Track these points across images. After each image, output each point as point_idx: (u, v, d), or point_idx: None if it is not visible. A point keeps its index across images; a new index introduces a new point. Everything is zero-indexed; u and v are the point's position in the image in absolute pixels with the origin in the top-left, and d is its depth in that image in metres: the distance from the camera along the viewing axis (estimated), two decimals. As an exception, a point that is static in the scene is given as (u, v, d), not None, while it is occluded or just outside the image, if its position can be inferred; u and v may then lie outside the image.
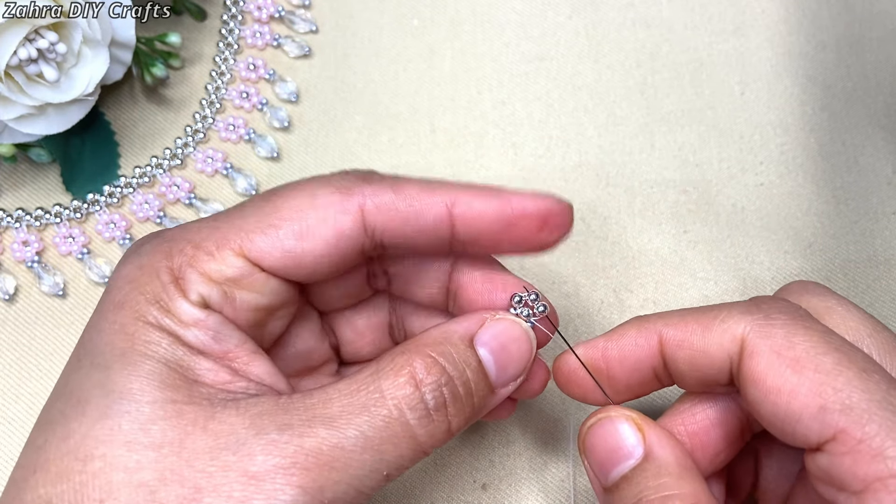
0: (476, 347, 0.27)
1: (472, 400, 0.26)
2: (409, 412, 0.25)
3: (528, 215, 0.27)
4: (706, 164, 0.39)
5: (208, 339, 0.26)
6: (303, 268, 0.27)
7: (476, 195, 0.28)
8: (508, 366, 0.28)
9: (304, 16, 0.41)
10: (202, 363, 0.25)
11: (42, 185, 0.38)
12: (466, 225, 0.27)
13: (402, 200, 0.27)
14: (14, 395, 0.36)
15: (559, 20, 0.41)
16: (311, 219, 0.27)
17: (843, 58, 0.41)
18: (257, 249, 0.27)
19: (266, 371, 0.26)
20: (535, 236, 0.28)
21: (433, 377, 0.25)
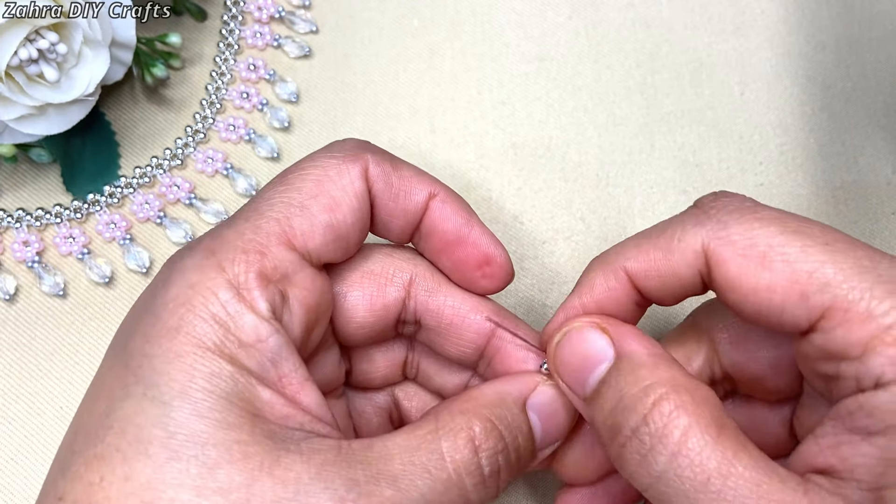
0: (528, 412, 0.27)
1: (519, 465, 0.27)
2: (467, 477, 0.25)
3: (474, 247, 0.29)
4: (706, 164, 0.39)
5: (266, 361, 0.25)
6: (341, 241, 0.28)
7: (453, 200, 0.30)
8: (553, 431, 0.28)
9: (304, 16, 0.41)
10: (262, 394, 0.24)
11: (42, 185, 0.38)
12: (432, 220, 0.29)
13: (398, 177, 0.29)
14: (14, 395, 0.36)
15: (559, 20, 0.41)
16: (333, 190, 0.28)
17: (842, 58, 0.41)
18: (300, 234, 0.27)
19: (315, 401, 0.26)
20: (472, 270, 0.30)
21: (491, 443, 0.26)
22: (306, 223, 0.27)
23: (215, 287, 0.25)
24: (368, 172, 0.28)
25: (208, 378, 0.24)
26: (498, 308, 0.30)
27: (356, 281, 0.30)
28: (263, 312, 0.25)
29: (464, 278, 0.30)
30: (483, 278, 0.30)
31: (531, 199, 0.39)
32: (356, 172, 0.28)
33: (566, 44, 0.41)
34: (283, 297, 0.26)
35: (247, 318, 0.25)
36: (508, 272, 0.30)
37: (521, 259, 0.38)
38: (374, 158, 0.28)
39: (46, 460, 0.35)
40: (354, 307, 0.30)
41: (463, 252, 0.29)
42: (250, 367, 0.24)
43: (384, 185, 0.29)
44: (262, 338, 0.25)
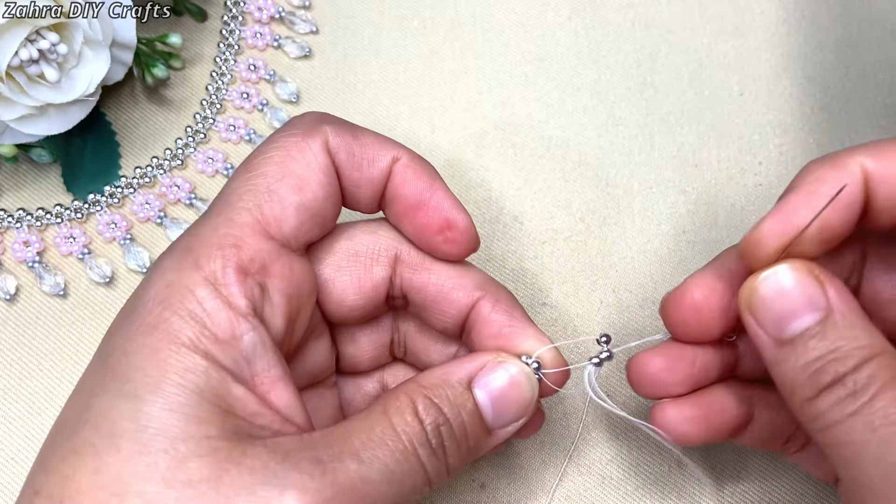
0: (473, 390, 0.27)
1: (468, 442, 0.27)
2: (420, 447, 0.26)
3: (436, 211, 0.29)
4: (705, 164, 0.39)
5: (241, 359, 0.25)
6: (315, 218, 0.28)
7: (416, 164, 0.29)
8: (506, 409, 0.28)
9: (304, 16, 0.41)
10: (233, 390, 0.25)
11: (43, 185, 0.39)
12: (394, 185, 0.29)
13: (360, 145, 0.29)
14: (15, 395, 0.36)
15: (559, 21, 0.41)
16: (298, 168, 0.28)
17: (841, 58, 0.41)
18: (273, 220, 0.27)
19: (286, 401, 0.26)
20: (433, 235, 0.29)
21: (431, 416, 0.26)
22: (277, 207, 0.27)
23: (192, 284, 0.25)
24: (329, 144, 0.28)
25: (182, 373, 0.24)
26: (482, 279, 0.30)
27: (343, 264, 0.30)
28: (241, 308, 0.25)
29: (426, 244, 0.29)
30: (445, 243, 0.29)
31: (531, 199, 0.39)
32: (318, 146, 0.28)
33: (566, 44, 0.41)
34: (262, 289, 0.26)
35: (223, 315, 0.25)
36: (471, 238, 0.29)
37: (521, 259, 0.38)
38: (333, 129, 0.28)
39: (47, 460, 0.35)
40: (344, 291, 0.30)
41: (424, 217, 0.29)
42: (225, 364, 0.25)
43: (346, 154, 0.28)
44: (237, 335, 0.25)
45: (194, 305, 0.25)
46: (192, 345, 0.24)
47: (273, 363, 0.26)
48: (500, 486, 0.35)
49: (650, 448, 0.36)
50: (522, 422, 0.28)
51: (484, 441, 0.28)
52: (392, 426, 0.25)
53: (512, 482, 0.35)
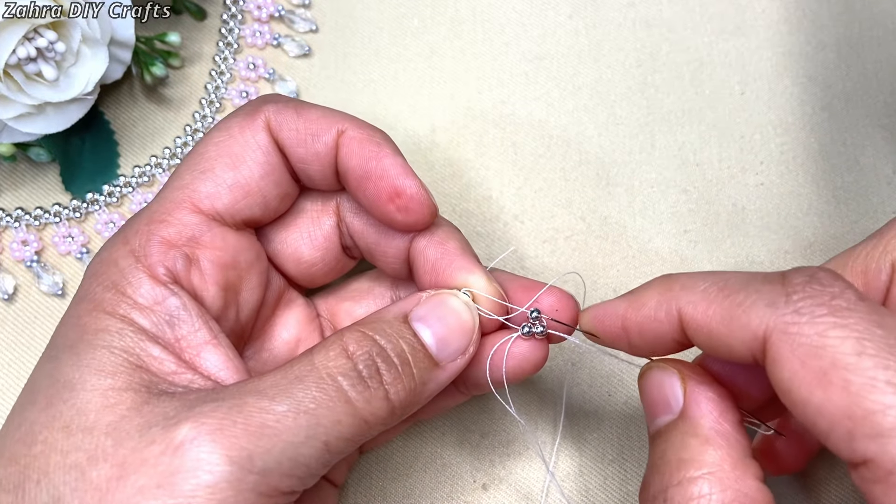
0: (411, 323, 0.27)
1: (411, 370, 0.26)
2: (343, 379, 0.25)
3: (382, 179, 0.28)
4: (706, 163, 0.39)
5: (163, 322, 0.26)
6: (253, 196, 0.29)
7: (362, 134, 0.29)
8: (449, 338, 0.28)
9: (303, 15, 0.41)
10: (150, 349, 0.26)
11: (41, 184, 0.38)
12: (342, 156, 0.29)
13: (304, 121, 0.29)
14: (14, 394, 0.36)
15: (559, 20, 0.41)
16: (235, 147, 0.28)
17: (843, 57, 0.41)
18: (205, 196, 0.28)
19: (216, 364, 0.26)
20: (385, 204, 0.28)
21: (364, 348, 0.26)
22: (211, 185, 0.28)
23: (118, 257, 0.27)
24: (270, 123, 0.29)
25: (94, 333, 0.26)
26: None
27: (290, 223, 0.31)
28: (161, 276, 0.27)
29: (380, 214, 0.29)
30: (398, 212, 0.28)
31: (531, 199, 0.39)
32: (258, 125, 0.29)
33: (566, 43, 0.41)
34: (189, 260, 0.27)
35: (143, 282, 0.26)
36: (424, 203, 0.28)
37: (521, 258, 0.38)
38: (275, 108, 0.29)
39: (45, 460, 0.35)
40: (297, 249, 0.31)
41: (373, 186, 0.28)
42: (144, 327, 0.26)
43: (289, 131, 0.29)
44: (158, 300, 0.26)
45: (117, 276, 0.26)
46: (111, 309, 0.26)
47: (198, 326, 0.26)
48: (502, 487, 0.35)
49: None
50: (471, 352, 0.28)
51: (432, 373, 0.27)
52: (311, 362, 0.25)
53: (513, 483, 0.35)
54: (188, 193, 0.28)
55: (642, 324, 0.26)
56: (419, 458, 0.36)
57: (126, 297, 0.26)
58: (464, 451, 0.35)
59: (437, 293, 0.28)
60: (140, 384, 0.25)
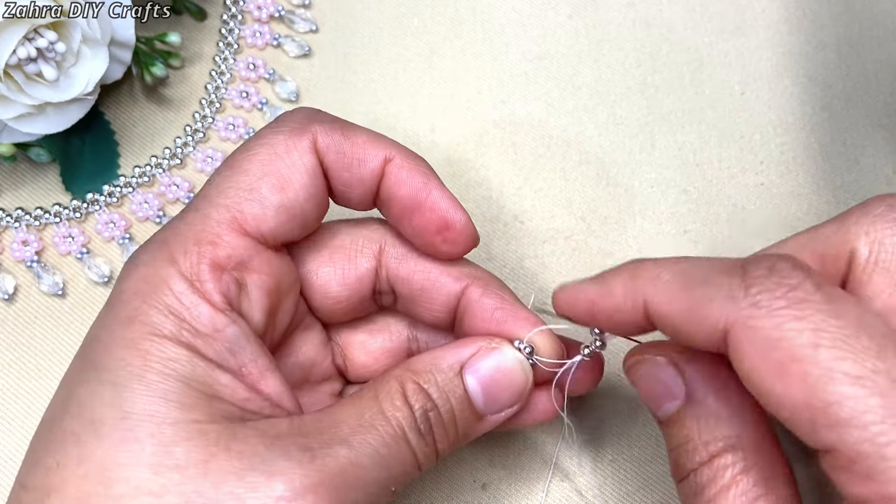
0: (464, 376, 0.27)
1: (456, 427, 0.27)
2: (409, 432, 0.26)
3: (432, 212, 0.28)
4: (706, 163, 0.39)
5: (224, 351, 0.25)
6: (296, 219, 0.28)
7: (410, 163, 0.28)
8: (498, 395, 0.28)
9: (304, 15, 0.41)
10: (220, 378, 0.25)
11: (41, 184, 0.38)
12: (388, 186, 0.28)
13: (351, 145, 0.28)
14: (14, 394, 0.36)
15: (559, 20, 0.41)
16: (282, 168, 0.27)
17: (843, 57, 0.41)
18: (252, 218, 0.27)
19: (276, 389, 0.26)
20: (432, 236, 0.29)
21: (420, 402, 0.26)
22: (257, 206, 0.27)
23: (168, 278, 0.25)
24: (318, 144, 0.28)
25: (164, 362, 0.24)
26: (469, 266, 0.30)
27: (326, 257, 0.30)
28: (218, 303, 0.25)
29: (425, 244, 0.29)
30: (444, 244, 0.29)
31: (531, 199, 0.39)
32: (305, 146, 0.27)
33: (566, 43, 0.41)
34: (239, 286, 0.26)
35: (202, 309, 0.25)
36: (470, 236, 0.29)
37: (521, 259, 0.38)
38: (322, 129, 0.28)
39: (45, 460, 0.35)
40: (327, 283, 0.30)
41: (421, 218, 0.28)
42: (208, 356, 0.25)
43: (336, 155, 0.28)
44: (218, 328, 0.25)
45: (172, 300, 0.25)
46: (173, 337, 0.24)
47: (258, 354, 0.26)
48: (502, 487, 0.35)
49: (650, 448, 0.35)
50: (517, 408, 0.28)
51: (475, 426, 0.28)
52: (381, 410, 0.25)
53: (513, 483, 0.35)
54: (235, 214, 0.26)
55: (610, 311, 0.26)
56: (419, 458, 0.36)
57: (186, 324, 0.25)
58: (464, 451, 0.35)
59: (496, 346, 0.28)
60: (221, 415, 0.24)
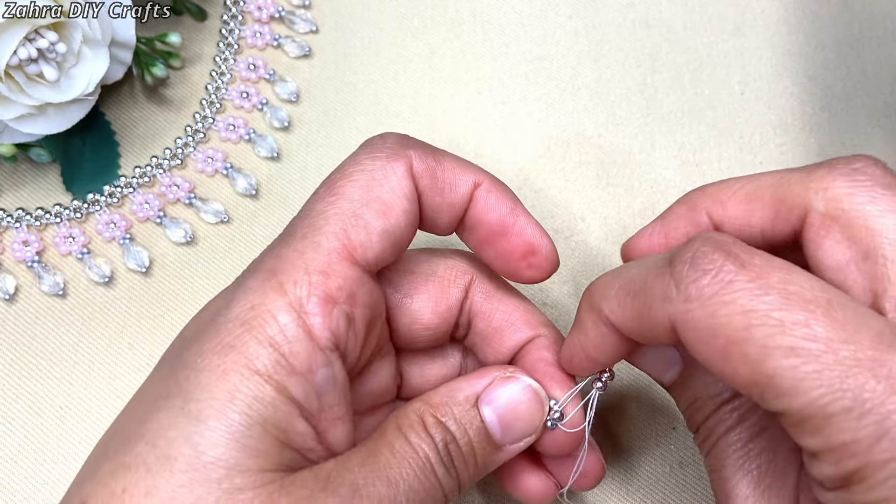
0: (480, 407, 0.27)
1: (475, 459, 0.27)
2: (437, 465, 0.26)
3: (519, 237, 0.29)
4: (706, 163, 0.39)
5: (312, 393, 0.25)
6: (396, 245, 0.27)
7: (498, 189, 0.29)
8: (515, 425, 0.28)
9: (304, 16, 0.41)
10: (298, 425, 0.24)
11: (42, 184, 0.38)
12: (476, 211, 0.29)
13: (442, 170, 0.28)
14: (14, 395, 0.36)
15: (559, 20, 0.41)
16: (384, 194, 0.27)
17: (842, 58, 0.41)
18: (360, 245, 0.26)
19: (340, 438, 0.26)
20: (517, 261, 0.29)
21: (440, 435, 0.26)
22: (363, 233, 0.26)
23: (276, 309, 0.24)
24: (413, 169, 0.28)
25: (249, 401, 0.23)
26: (546, 319, 0.31)
27: (421, 285, 0.30)
28: (322, 340, 0.25)
29: (508, 268, 0.29)
30: (528, 269, 0.29)
31: (531, 199, 0.39)
32: (402, 171, 0.27)
33: (566, 43, 0.41)
34: (349, 321, 0.26)
35: (303, 345, 0.24)
36: (553, 262, 0.29)
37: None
38: (416, 154, 0.28)
39: (46, 460, 0.35)
40: (420, 310, 0.30)
41: (507, 242, 0.29)
42: (295, 396, 0.24)
43: (430, 180, 0.28)
44: (314, 368, 0.24)
45: (276, 332, 0.24)
46: (265, 373, 0.24)
47: (339, 400, 0.25)
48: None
49: (650, 448, 0.36)
50: (533, 438, 0.28)
51: (493, 457, 0.28)
52: (410, 444, 0.26)
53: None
54: (343, 241, 0.26)
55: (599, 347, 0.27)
56: (419, 457, 0.36)
57: (283, 360, 0.24)
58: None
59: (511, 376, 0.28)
60: (286, 464, 0.24)
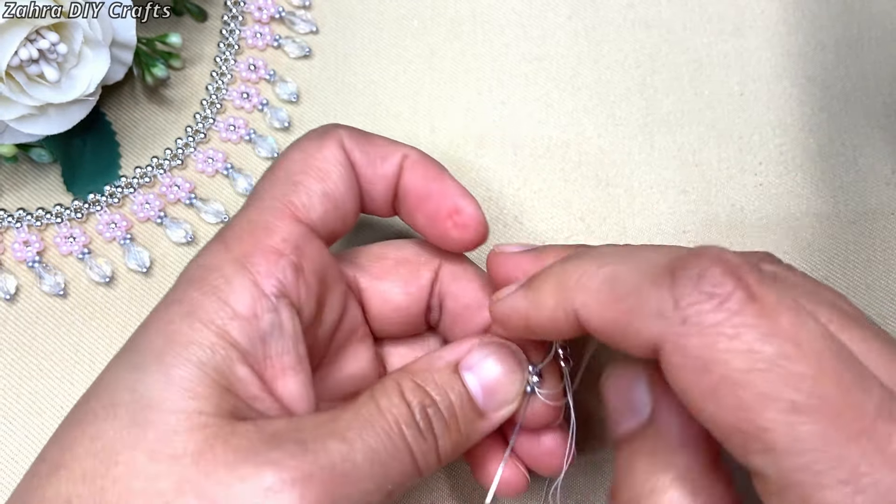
0: (461, 373, 0.28)
1: (458, 424, 0.27)
2: (406, 428, 0.26)
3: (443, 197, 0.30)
4: (705, 164, 0.39)
5: (256, 338, 0.25)
6: (338, 209, 0.29)
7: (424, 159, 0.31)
8: (497, 390, 0.28)
9: (304, 16, 0.41)
10: (238, 370, 0.25)
11: (43, 185, 0.39)
12: (405, 180, 0.30)
13: (372, 145, 0.30)
14: (14, 395, 0.36)
15: (559, 21, 0.41)
16: (318, 163, 0.29)
17: (842, 58, 0.41)
18: (301, 206, 0.28)
19: (292, 391, 0.26)
20: (443, 221, 0.30)
21: (417, 398, 0.26)
22: (304, 196, 0.28)
23: (221, 264, 0.26)
24: (344, 143, 0.30)
25: (186, 345, 0.24)
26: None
27: (391, 269, 0.31)
28: (266, 287, 0.26)
29: (436, 231, 0.30)
30: (454, 228, 0.30)
31: (531, 199, 0.39)
32: (334, 144, 0.29)
33: (566, 44, 0.41)
34: (296, 269, 0.27)
35: (247, 292, 0.25)
36: (478, 222, 0.30)
37: (520, 259, 0.38)
38: (346, 132, 0.30)
39: (47, 460, 0.35)
40: (391, 291, 0.31)
41: (433, 204, 0.30)
42: (238, 341, 0.25)
43: (360, 153, 0.30)
44: (258, 314, 0.25)
45: (220, 282, 0.25)
46: (206, 318, 0.25)
47: (288, 349, 0.26)
48: (500, 486, 0.35)
49: (650, 448, 0.36)
50: (514, 406, 0.28)
51: (476, 425, 0.28)
52: (378, 407, 0.26)
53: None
54: (286, 203, 0.28)
55: (545, 324, 0.26)
56: (419, 457, 0.36)
57: (226, 306, 0.25)
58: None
59: (489, 342, 0.28)
60: (226, 409, 0.24)
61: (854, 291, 0.38)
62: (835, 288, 0.37)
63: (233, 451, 0.23)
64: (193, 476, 0.23)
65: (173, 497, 0.23)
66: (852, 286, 0.38)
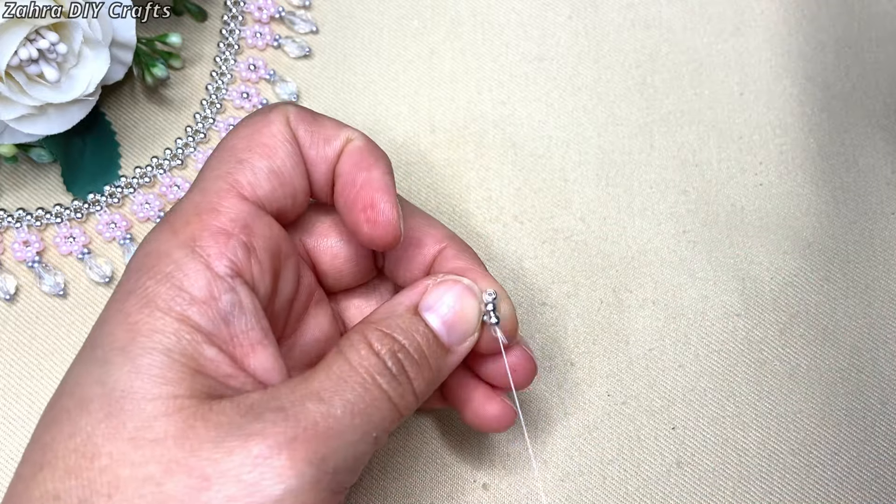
0: (422, 314, 0.28)
1: (429, 362, 0.28)
2: (380, 377, 0.26)
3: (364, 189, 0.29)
4: (705, 164, 0.39)
5: (218, 319, 0.25)
6: (287, 186, 0.29)
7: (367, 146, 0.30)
8: (457, 324, 0.29)
9: (304, 16, 0.41)
10: (206, 351, 0.25)
11: (43, 185, 0.39)
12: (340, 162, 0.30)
13: (318, 125, 0.30)
14: (14, 395, 0.36)
15: (559, 21, 0.41)
16: (265, 138, 0.29)
17: (842, 58, 0.41)
18: (247, 184, 0.28)
19: (265, 365, 0.26)
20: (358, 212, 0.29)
21: (387, 346, 0.27)
22: (249, 173, 0.28)
23: (169, 249, 0.26)
24: (290, 120, 0.29)
25: (149, 335, 0.25)
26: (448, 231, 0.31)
27: (331, 226, 0.32)
28: (220, 269, 0.26)
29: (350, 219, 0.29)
30: (366, 223, 0.29)
31: (531, 199, 0.39)
32: (280, 120, 0.29)
33: (566, 44, 0.41)
34: (247, 249, 0.27)
35: (201, 275, 0.26)
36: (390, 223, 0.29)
37: (520, 259, 0.38)
38: (294, 109, 0.30)
39: (47, 460, 0.35)
40: (336, 245, 0.31)
41: (354, 192, 0.29)
42: (200, 324, 0.25)
43: (305, 132, 0.30)
44: (215, 295, 0.25)
45: (171, 268, 0.26)
46: (165, 306, 0.25)
47: (252, 325, 0.26)
48: (502, 487, 0.35)
49: (650, 448, 0.36)
50: (475, 337, 0.29)
51: (445, 360, 0.28)
52: (349, 362, 0.26)
53: (513, 483, 0.35)
54: (231, 182, 0.28)
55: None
56: (419, 457, 0.36)
57: (182, 292, 0.25)
58: (464, 451, 0.36)
59: (442, 280, 0.29)
60: (200, 390, 0.24)
61: (854, 291, 0.38)
62: (835, 288, 0.38)
63: (214, 427, 0.24)
64: (180, 456, 0.23)
65: (163, 478, 0.23)
66: (852, 286, 0.38)
